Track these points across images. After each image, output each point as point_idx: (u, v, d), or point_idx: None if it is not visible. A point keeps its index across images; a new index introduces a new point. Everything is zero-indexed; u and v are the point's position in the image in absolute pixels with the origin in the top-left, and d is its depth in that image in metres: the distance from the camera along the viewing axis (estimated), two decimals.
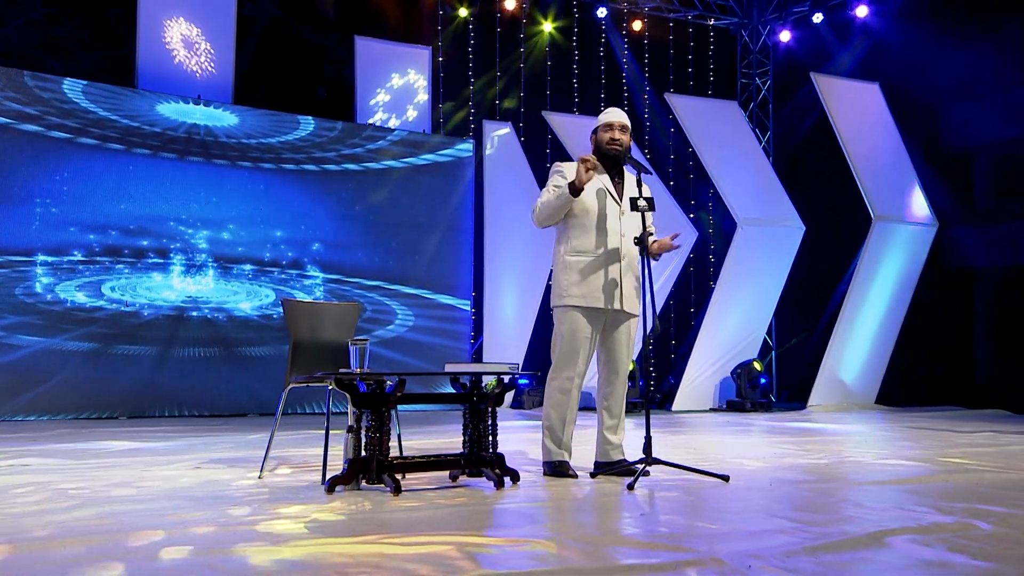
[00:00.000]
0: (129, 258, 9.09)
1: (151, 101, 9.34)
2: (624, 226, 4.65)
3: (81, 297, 8.84)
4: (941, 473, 4.69)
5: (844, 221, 11.14)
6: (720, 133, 10.55)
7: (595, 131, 4.82)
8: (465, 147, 10.91)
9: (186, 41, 9.77)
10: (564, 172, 4.69)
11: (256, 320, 9.62)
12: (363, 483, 3.97)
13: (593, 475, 4.52)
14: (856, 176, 10.09)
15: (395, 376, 3.91)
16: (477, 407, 4.19)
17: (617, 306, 4.57)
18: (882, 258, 10.17)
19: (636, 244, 4.46)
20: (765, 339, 11.47)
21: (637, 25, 13.50)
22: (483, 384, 4.23)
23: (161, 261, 9.23)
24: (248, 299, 9.60)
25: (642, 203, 4.45)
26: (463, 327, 10.57)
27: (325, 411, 4.53)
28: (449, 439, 6.74)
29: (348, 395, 3.92)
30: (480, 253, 10.69)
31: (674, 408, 10.19)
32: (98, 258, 8.93)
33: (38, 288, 8.67)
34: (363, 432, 3.92)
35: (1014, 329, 13.89)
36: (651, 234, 4.73)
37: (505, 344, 10.16)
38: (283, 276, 9.76)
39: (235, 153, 9.67)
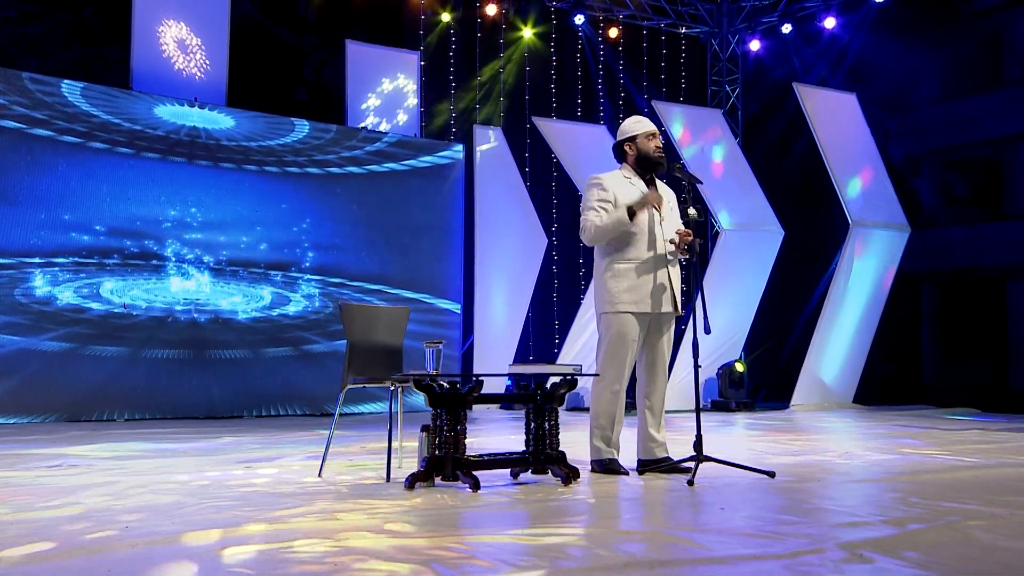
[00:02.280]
0: (123, 260, 9.05)
1: (148, 103, 9.31)
2: (665, 231, 4.86)
3: (74, 298, 8.78)
4: (986, 467, 5.00)
5: (819, 226, 11.54)
6: (704, 140, 10.86)
7: (633, 139, 4.94)
8: (455, 151, 11.05)
9: (180, 43, 9.76)
10: (604, 185, 4.84)
11: (252, 323, 9.65)
12: (437, 480, 4.12)
13: (641, 472, 4.72)
14: (834, 182, 10.48)
15: (472, 377, 4.06)
16: (541, 406, 4.36)
17: (666, 308, 4.79)
18: (858, 262, 10.57)
19: (684, 251, 4.67)
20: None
21: (613, 32, 13.77)
22: (547, 384, 4.40)
23: (156, 263, 9.21)
24: (244, 301, 9.63)
25: (692, 213, 4.67)
26: (454, 332, 10.70)
27: (388, 412, 4.65)
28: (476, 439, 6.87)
29: (425, 394, 4.07)
30: (470, 256, 10.84)
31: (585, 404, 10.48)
32: (92, 260, 8.89)
33: (33, 290, 8.60)
34: (440, 431, 4.07)
35: (957, 330, 14.47)
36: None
37: (495, 346, 10.33)
38: (276, 278, 9.79)
39: (232, 155, 9.69)
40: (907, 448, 6.11)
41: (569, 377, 4.33)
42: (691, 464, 4.65)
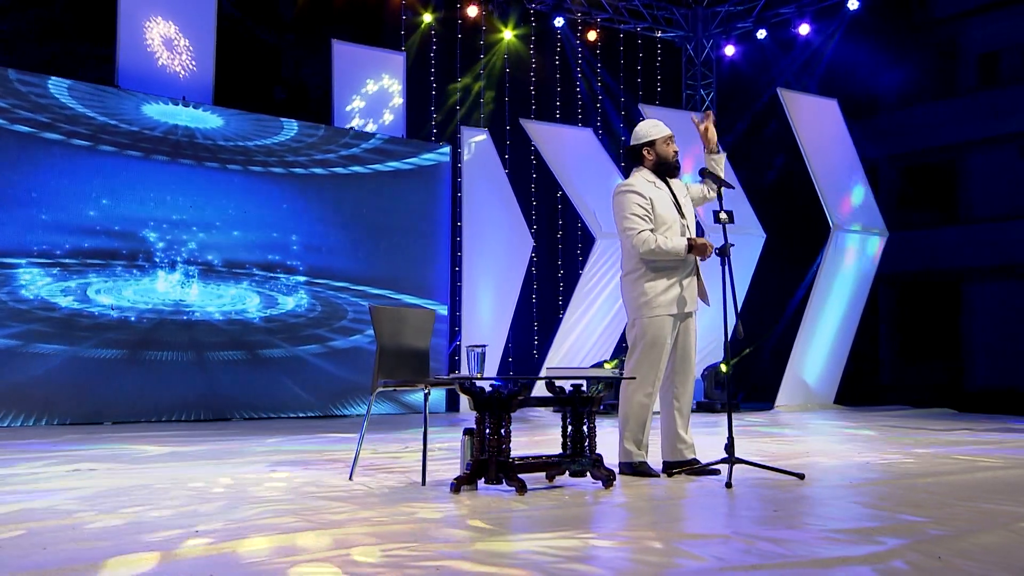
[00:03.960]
0: (110, 260, 8.89)
1: (136, 102, 9.15)
2: (690, 232, 4.92)
3: (60, 300, 8.60)
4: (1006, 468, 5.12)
5: (799, 229, 11.71)
6: (689, 143, 10.94)
7: (652, 143, 4.97)
8: (441, 152, 11.02)
9: (166, 41, 9.61)
10: (637, 189, 4.84)
11: (240, 324, 9.53)
12: (480, 483, 4.12)
13: (670, 474, 4.76)
14: (817, 187, 10.65)
15: (518, 380, 4.07)
16: (578, 410, 4.38)
17: (693, 308, 4.85)
18: (839, 265, 10.76)
19: (718, 255, 4.72)
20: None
21: (592, 35, 13.84)
22: (584, 388, 4.42)
23: (143, 264, 9.05)
24: (230, 303, 9.50)
25: (723, 216, 4.72)
26: (441, 333, 10.67)
27: (423, 415, 4.64)
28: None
29: (470, 398, 4.06)
30: (457, 257, 10.83)
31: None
32: (79, 260, 8.71)
33: (18, 291, 8.40)
34: (484, 434, 4.07)
35: (914, 332, 14.81)
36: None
37: None
38: (263, 279, 9.68)
39: (220, 155, 9.56)
40: (931, 452, 6.23)
41: (610, 381, 4.34)
42: (718, 466, 4.72)
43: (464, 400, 10.38)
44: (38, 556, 2.76)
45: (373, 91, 10.91)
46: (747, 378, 12.35)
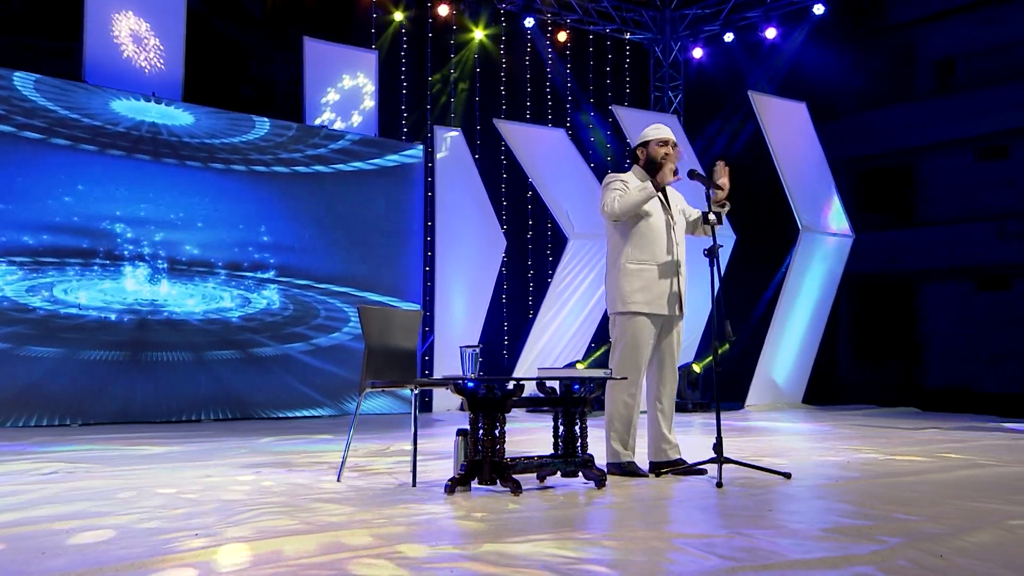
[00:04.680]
0: (78, 259, 8.72)
1: (104, 97, 9.00)
2: (677, 235, 4.96)
3: (25, 298, 8.43)
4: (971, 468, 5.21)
5: (768, 231, 11.83)
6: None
7: (645, 145, 5.05)
8: (414, 151, 10.97)
9: (134, 36, 9.46)
10: (622, 178, 4.95)
11: (209, 324, 9.40)
12: (473, 484, 4.11)
13: (657, 474, 4.78)
14: (786, 189, 10.77)
15: (513, 380, 4.06)
16: (570, 410, 4.38)
17: (675, 312, 4.88)
18: (808, 266, 10.90)
19: (707, 256, 4.75)
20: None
21: (562, 36, 13.87)
22: (576, 388, 4.42)
23: (111, 263, 8.90)
24: (201, 303, 9.37)
25: (712, 217, 4.75)
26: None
27: (413, 414, 4.61)
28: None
29: (464, 398, 4.05)
30: (431, 257, 10.78)
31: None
32: (45, 259, 8.55)
33: None
34: (478, 435, 4.06)
35: (871, 332, 15.07)
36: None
37: (454, 347, 10.26)
38: (234, 279, 9.57)
39: (191, 153, 9.43)
40: (907, 450, 6.32)
41: (599, 381, 4.36)
42: (705, 466, 4.76)
43: (436, 400, 10.35)
44: (39, 563, 2.71)
45: (345, 89, 10.83)
46: (717, 377, 12.44)
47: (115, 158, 8.99)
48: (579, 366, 10.19)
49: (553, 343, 10.77)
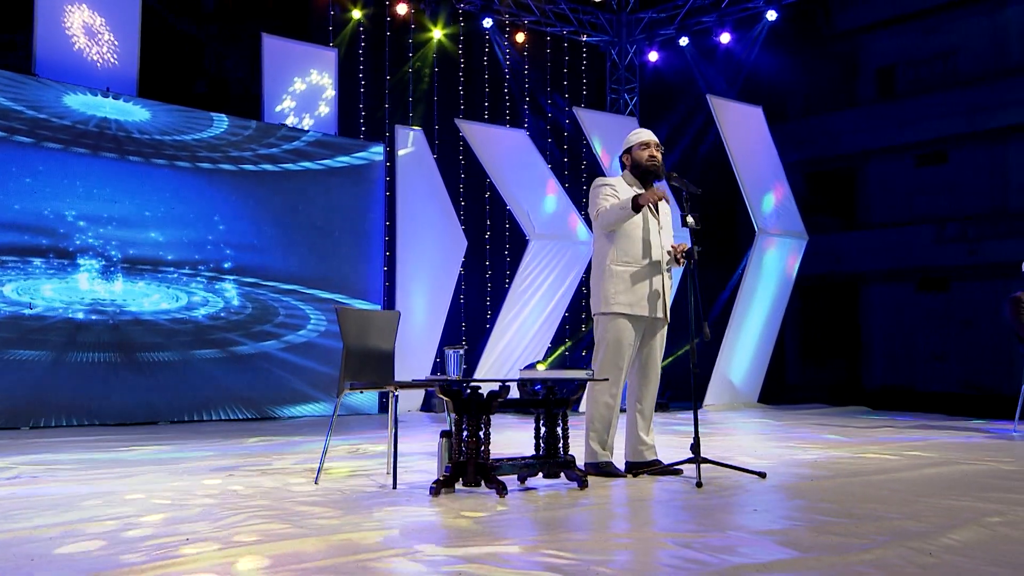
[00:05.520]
0: (31, 257, 8.50)
1: (56, 92, 8.77)
2: (662, 239, 5.01)
3: None
4: (947, 464, 5.33)
5: (723, 232, 11.98)
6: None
7: (629, 150, 5.10)
8: (375, 151, 10.89)
9: (87, 29, 9.24)
10: (610, 183, 4.98)
11: (166, 324, 9.23)
12: (458, 486, 4.10)
13: (634, 474, 4.82)
14: (743, 191, 10.92)
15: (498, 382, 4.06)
16: (552, 412, 4.39)
17: (658, 314, 4.93)
18: (763, 268, 11.06)
19: (684, 258, 4.81)
20: None
21: (520, 37, 13.89)
22: (558, 390, 4.43)
23: (65, 261, 8.69)
24: (159, 302, 9.20)
25: (691, 221, 4.80)
26: None
27: (392, 416, 4.58)
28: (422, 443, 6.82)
29: (449, 400, 4.03)
30: (391, 256, 10.71)
31: (581, 409, 10.61)
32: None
33: None
34: (461, 436, 4.05)
35: (815, 332, 15.38)
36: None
37: (415, 348, 10.24)
38: (192, 278, 9.40)
39: (147, 150, 9.23)
40: (871, 449, 6.44)
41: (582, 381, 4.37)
42: (681, 467, 4.81)
43: (395, 401, 10.25)
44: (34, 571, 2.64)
45: (304, 87, 10.71)
46: (674, 377, 12.58)
47: (68, 154, 8.77)
48: (539, 367, 10.21)
49: (514, 344, 10.77)
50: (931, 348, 14.35)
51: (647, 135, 5.09)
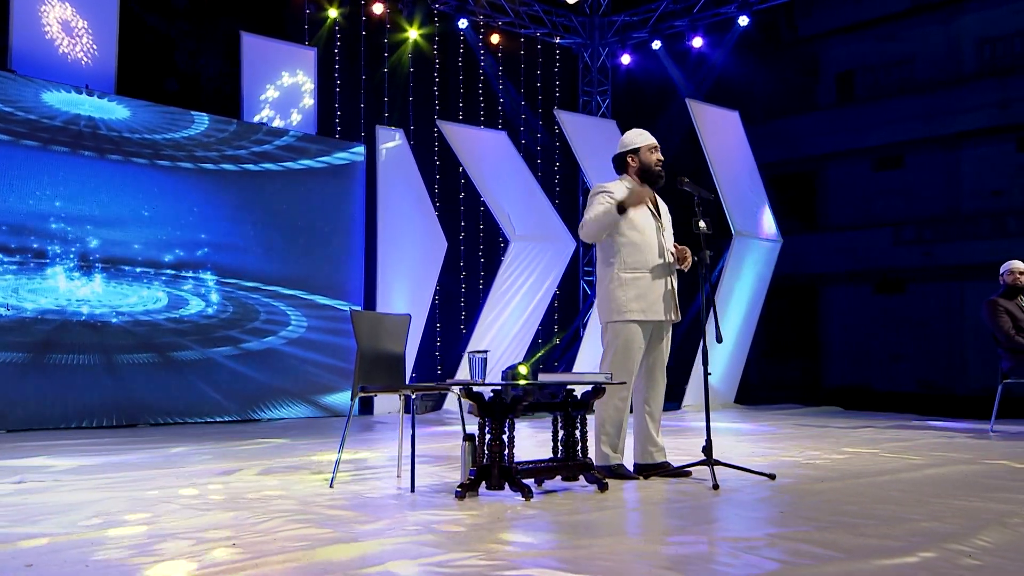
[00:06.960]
0: (6, 257, 8.32)
1: (34, 88, 8.59)
2: (666, 242, 5.06)
3: None
4: (937, 466, 5.44)
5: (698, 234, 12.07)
6: (603, 149, 11.15)
7: (635, 151, 5.11)
8: (355, 151, 10.82)
9: (64, 25, 9.07)
10: (609, 190, 4.99)
11: (145, 325, 9.08)
12: (481, 489, 4.10)
13: (645, 476, 4.86)
14: (720, 194, 11.04)
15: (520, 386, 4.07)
16: (570, 414, 4.42)
17: (672, 317, 4.98)
18: (740, 270, 11.20)
19: (695, 262, 4.86)
20: None
21: (495, 38, 13.90)
22: (576, 392, 4.46)
23: (43, 261, 8.52)
24: (138, 303, 9.05)
25: (703, 226, 4.86)
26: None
27: (409, 419, 4.58)
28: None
29: (473, 403, 4.04)
30: (372, 257, 10.64)
31: None
32: None
33: None
34: (485, 439, 4.05)
35: (776, 333, 15.62)
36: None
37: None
38: (172, 278, 9.26)
39: (127, 148, 9.07)
40: (861, 449, 6.55)
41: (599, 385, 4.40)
42: (691, 469, 4.86)
43: (378, 402, 10.21)
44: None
45: (284, 86, 10.61)
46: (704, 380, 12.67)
47: (46, 152, 8.60)
48: (520, 368, 10.23)
49: (494, 346, 10.77)
50: (888, 349, 14.61)
51: (652, 138, 5.13)
